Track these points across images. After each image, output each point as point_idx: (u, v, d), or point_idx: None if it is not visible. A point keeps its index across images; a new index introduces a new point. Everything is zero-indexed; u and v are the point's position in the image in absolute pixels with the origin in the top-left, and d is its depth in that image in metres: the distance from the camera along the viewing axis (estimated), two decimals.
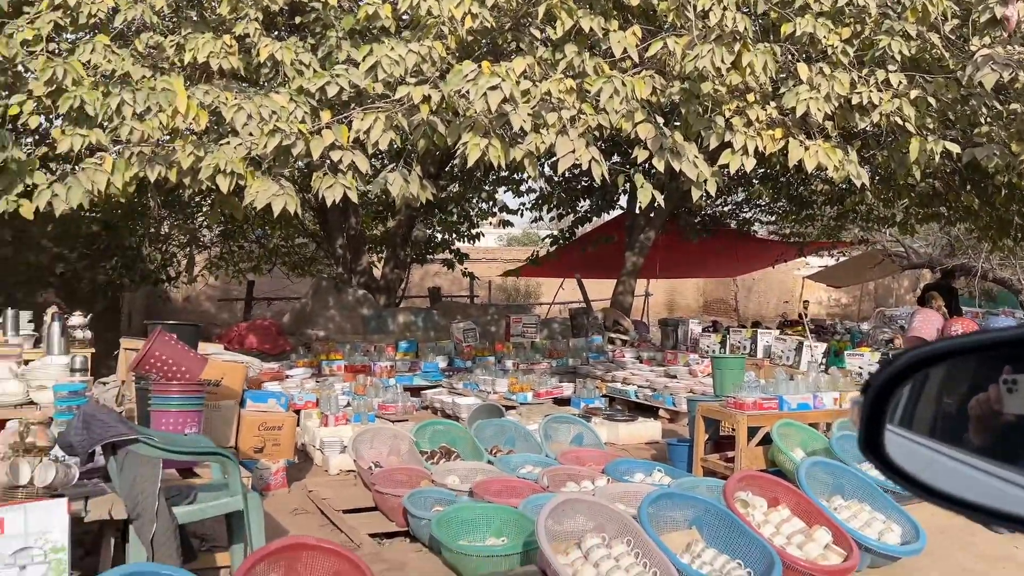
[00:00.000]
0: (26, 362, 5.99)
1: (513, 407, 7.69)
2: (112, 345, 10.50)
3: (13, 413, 4.91)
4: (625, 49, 5.71)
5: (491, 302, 20.76)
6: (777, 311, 24.95)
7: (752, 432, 5.49)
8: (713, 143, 6.06)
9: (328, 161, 5.66)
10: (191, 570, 3.32)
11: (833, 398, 5.79)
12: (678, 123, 6.63)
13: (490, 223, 16.97)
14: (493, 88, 5.11)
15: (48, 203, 5.51)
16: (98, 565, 3.24)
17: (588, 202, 15.12)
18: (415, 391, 8.55)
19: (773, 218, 16.27)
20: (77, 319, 7.36)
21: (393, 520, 4.57)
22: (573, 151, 5.41)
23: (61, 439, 3.04)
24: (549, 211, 15.20)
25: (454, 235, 14.49)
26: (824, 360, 7.95)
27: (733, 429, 5.62)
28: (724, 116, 6.07)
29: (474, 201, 15.22)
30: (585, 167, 5.44)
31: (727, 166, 5.94)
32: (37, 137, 8.56)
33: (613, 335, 11.07)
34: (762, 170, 12.29)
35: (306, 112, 5.52)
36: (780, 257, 16.28)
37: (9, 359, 5.73)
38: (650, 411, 8.19)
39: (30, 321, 7.37)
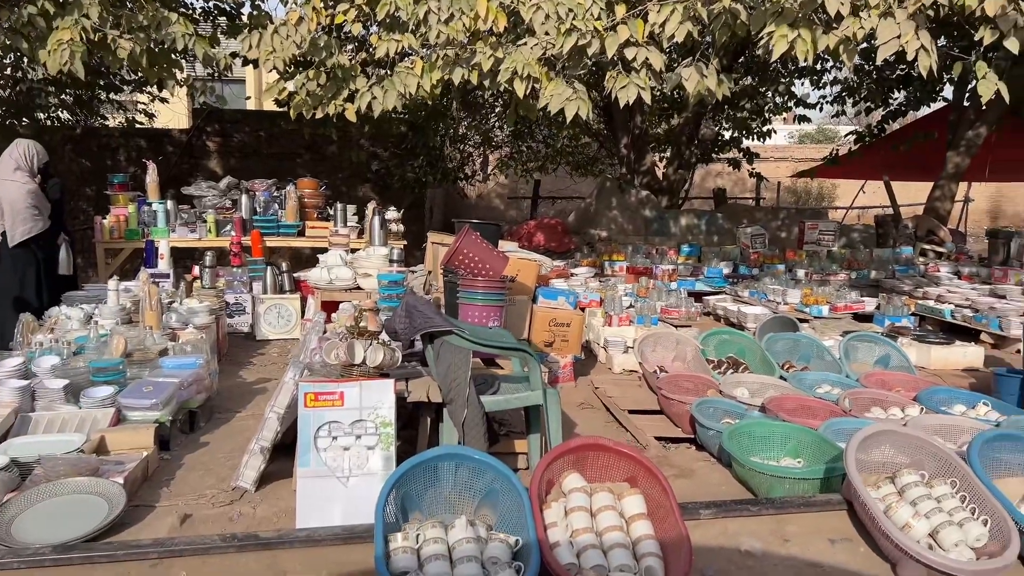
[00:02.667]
0: (353, 250, 6.77)
1: (806, 320, 7.21)
2: (418, 236, 11.58)
3: (344, 296, 5.60)
4: None
5: (779, 205, 19.52)
6: None
7: None
8: None
9: (621, 59, 5.50)
10: (492, 453, 3.58)
11: None
12: None
13: (783, 118, 15.69)
14: None
15: (368, 105, 6.03)
16: (415, 437, 3.62)
17: (903, 94, 13.30)
18: (697, 296, 8.36)
19: None
20: (392, 213, 8.13)
21: (679, 426, 4.55)
22: (898, 36, 4.70)
23: (387, 325, 3.37)
24: (855, 104, 13.64)
25: (744, 133, 13.61)
26: None
27: None
28: None
29: (768, 95, 14.09)
30: (911, 56, 4.70)
31: None
32: (357, 44, 9.38)
33: (926, 247, 9.84)
34: None
35: (601, 8, 5.37)
36: None
37: (340, 248, 6.50)
38: (968, 335, 7.22)
39: (354, 214, 8.30)
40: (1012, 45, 4.68)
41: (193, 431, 4.33)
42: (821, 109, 15.01)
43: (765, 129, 14.28)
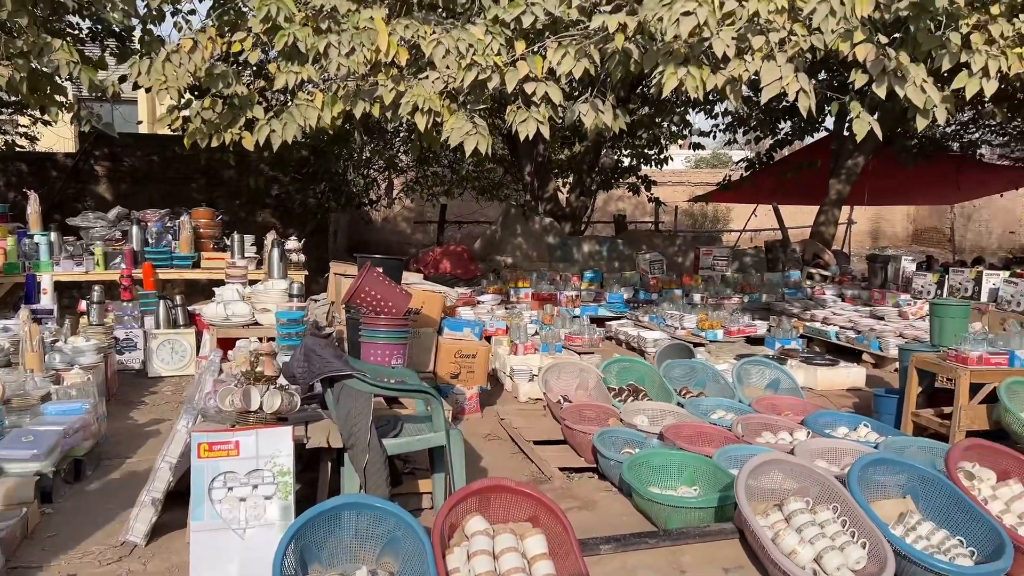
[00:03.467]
0: (251, 282, 6.60)
1: (702, 344, 7.48)
2: (322, 263, 11.36)
3: (242, 332, 5.45)
4: None
5: (677, 229, 20.20)
6: (1002, 243, 22.34)
7: (975, 389, 4.98)
8: (946, 65, 5.35)
9: (521, 93, 5.61)
10: (396, 494, 3.56)
11: None
12: (903, 42, 5.90)
13: (679, 145, 16.30)
14: (687, 14, 4.78)
15: (267, 138, 5.93)
16: (316, 480, 3.55)
17: (789, 124, 14.07)
18: (599, 322, 8.56)
19: (1005, 139, 14.35)
20: (292, 243, 7.98)
21: (582, 456, 4.63)
22: (780, 79, 4.99)
23: (285, 370, 3.31)
24: (745, 133, 14.34)
25: (642, 160, 14.06)
26: None
27: (949, 382, 5.13)
28: (961, 33, 5.33)
29: (664, 124, 14.65)
30: (792, 97, 5.01)
31: (962, 90, 5.25)
32: (255, 70, 9.18)
33: (812, 270, 10.39)
34: (1002, 87, 10.79)
35: (501, 44, 5.47)
36: (1011, 183, 14.43)
37: (237, 280, 6.33)
38: (852, 355, 7.67)
39: (253, 244, 8.09)
40: (880, 91, 5.04)
41: (79, 480, 4.11)
42: (715, 137, 15.68)
43: (662, 156, 14.82)
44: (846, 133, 12.51)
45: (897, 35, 5.93)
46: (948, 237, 23.12)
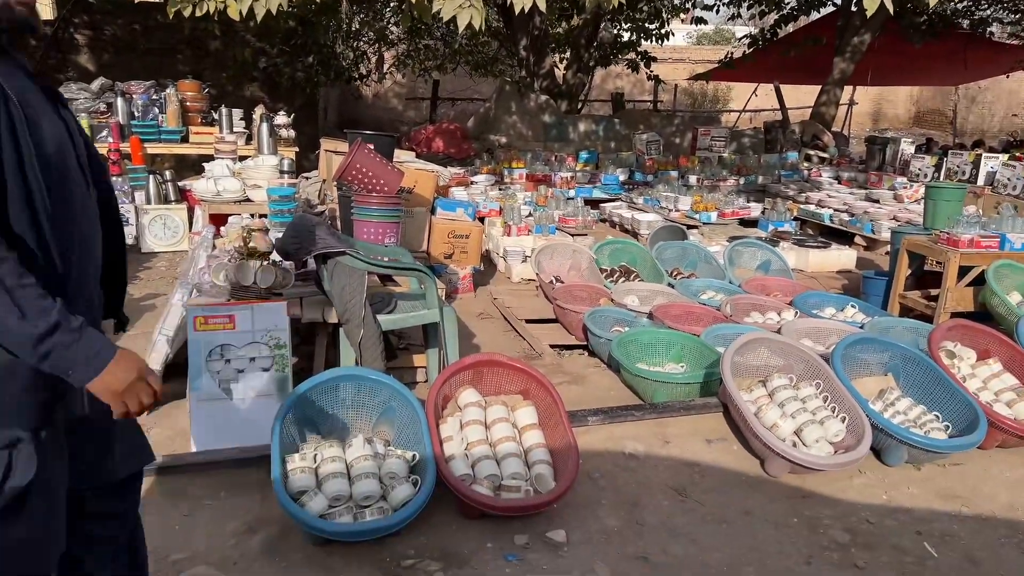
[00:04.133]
0: (241, 158, 6.50)
1: (696, 227, 7.49)
2: (312, 139, 11.14)
3: (233, 208, 5.40)
4: None
5: (676, 108, 19.77)
6: (1004, 126, 21.98)
7: (964, 272, 5.04)
8: None
9: None
10: (392, 368, 3.64)
11: None
12: None
13: (681, 19, 15.71)
14: None
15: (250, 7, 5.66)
16: (312, 353, 3.63)
17: None
18: (594, 203, 8.51)
19: (1016, 17, 13.85)
20: (281, 118, 7.79)
21: (573, 334, 4.72)
22: None
23: (278, 245, 3.30)
24: (749, 7, 13.79)
25: (642, 35, 13.55)
26: None
27: (939, 264, 5.18)
28: None
29: None
30: None
31: None
32: None
33: (811, 151, 10.26)
34: None
35: None
36: (1018, 63, 14.03)
37: (227, 156, 6.22)
38: (845, 237, 7.70)
39: (241, 119, 7.90)
40: None
41: None
42: (718, 11, 15.09)
43: (664, 31, 14.29)
44: (854, 8, 12.05)
45: None
46: (950, 120, 22.73)
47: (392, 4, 13.33)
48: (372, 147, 4.20)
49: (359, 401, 2.86)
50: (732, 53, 15.80)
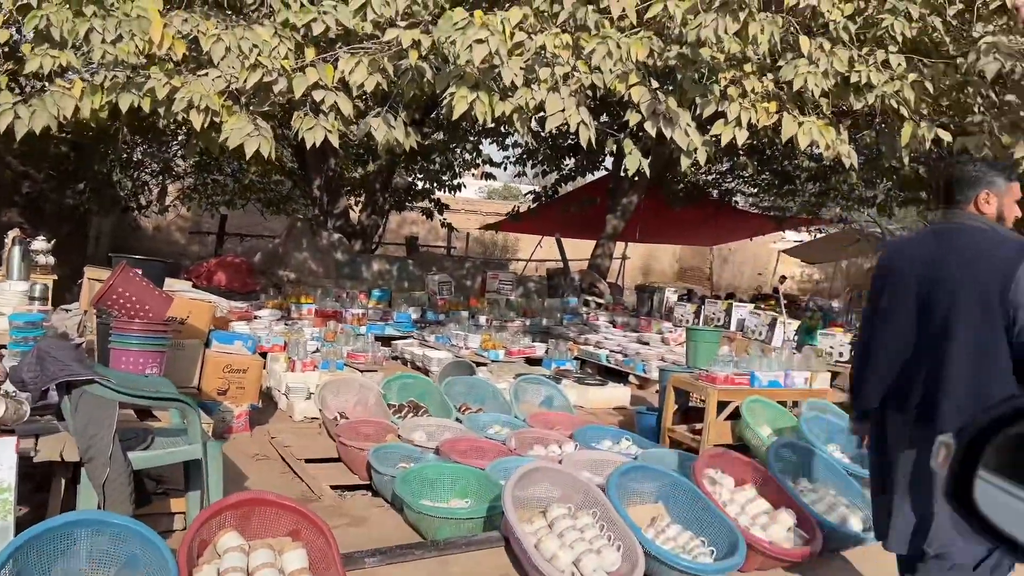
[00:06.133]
0: None
1: (484, 364, 7.63)
2: (77, 270, 10.23)
3: None
4: (624, 8, 5.52)
5: (468, 255, 20.61)
6: (751, 283, 25.09)
7: (722, 407, 5.49)
8: (707, 112, 5.93)
9: (310, 101, 5.46)
10: (144, 515, 3.23)
11: (804, 377, 5.79)
12: (672, 88, 6.47)
13: (472, 174, 16.72)
14: (480, 41, 4.91)
15: (10, 126, 5.25)
16: (47, 502, 3.14)
17: (573, 161, 14.93)
18: (386, 341, 8.47)
19: (755, 190, 16.21)
20: (40, 243, 7.12)
21: (356, 473, 4.51)
22: (563, 110, 5.27)
23: (13, 373, 2.91)
24: (533, 167, 15.01)
25: (435, 184, 14.23)
26: (796, 337, 7.97)
27: (703, 401, 5.62)
28: (720, 85, 5.94)
29: (458, 151, 14.95)
30: (573, 129, 5.32)
31: (719, 137, 5.85)
32: (7, 50, 8.16)
33: (589, 298, 11.01)
34: (750, 142, 12.18)
35: (290, 49, 5.29)
36: (759, 230, 16.28)
37: None
38: (620, 376, 8.18)
39: None
40: (651, 130, 5.46)
41: None
42: (506, 168, 16.31)
43: (456, 182, 15.13)
44: (623, 173, 13.47)
45: (669, 83, 6.48)
46: (707, 276, 25.61)
47: (180, 137, 13.02)
48: (140, 272, 3.91)
49: (100, 551, 2.48)
50: (518, 207, 16.96)
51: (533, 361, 8.15)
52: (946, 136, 6.10)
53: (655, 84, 5.74)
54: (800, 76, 5.61)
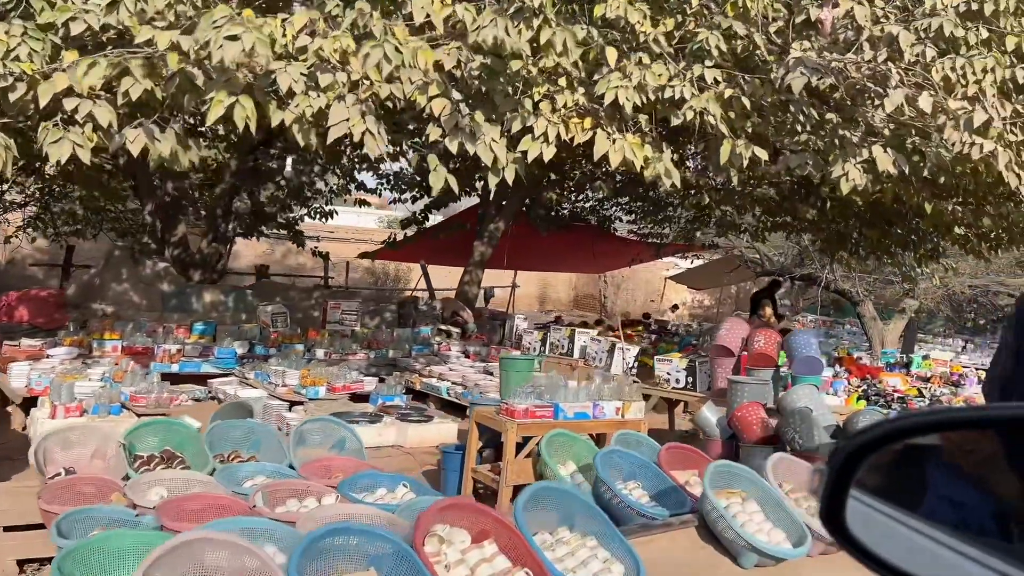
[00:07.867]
0: None
1: (301, 402, 6.99)
2: None
3: None
4: (428, 15, 5.09)
5: (349, 285, 19.87)
6: (644, 309, 25.14)
7: (527, 442, 5.03)
8: (516, 127, 5.54)
9: (61, 111, 4.79)
10: None
11: (615, 407, 5.40)
12: (483, 102, 6.08)
13: (344, 200, 16.08)
14: (233, 39, 4.37)
15: None
16: None
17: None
18: (203, 379, 7.73)
19: (632, 217, 16.11)
20: None
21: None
22: (347, 119, 4.78)
23: None
24: (401, 192, 14.53)
25: (286, 210, 13.46)
26: (635, 363, 7.64)
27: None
28: (533, 99, 5.58)
29: (327, 177, 14.26)
30: (357, 139, 4.82)
31: (526, 153, 5.47)
32: None
33: (443, 327, 10.48)
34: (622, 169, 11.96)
35: (35, 51, 4.65)
36: (637, 257, 16.15)
37: None
38: (461, 410, 7.65)
39: None
40: (452, 146, 5.03)
41: None
42: (380, 194, 15.79)
43: (327, 209, 14.49)
44: (491, 199, 13.08)
45: (479, 97, 6.07)
46: (601, 303, 25.55)
47: None
48: None
49: None
50: (395, 235, 16.42)
51: (360, 397, 7.52)
52: (763, 154, 5.92)
53: (457, 96, 5.33)
54: (611, 90, 5.31)
